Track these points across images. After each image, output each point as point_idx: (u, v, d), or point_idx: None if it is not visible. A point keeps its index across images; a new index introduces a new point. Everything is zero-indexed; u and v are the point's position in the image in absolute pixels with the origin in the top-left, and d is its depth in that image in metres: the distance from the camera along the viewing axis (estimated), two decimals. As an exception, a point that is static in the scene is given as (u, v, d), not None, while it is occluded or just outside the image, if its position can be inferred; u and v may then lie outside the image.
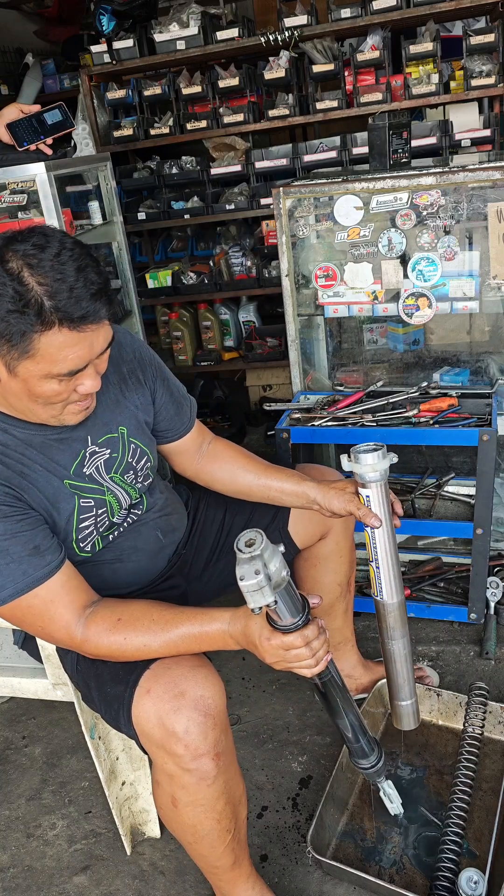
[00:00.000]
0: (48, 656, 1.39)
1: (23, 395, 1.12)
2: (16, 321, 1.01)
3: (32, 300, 1.01)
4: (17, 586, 1.15)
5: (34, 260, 1.02)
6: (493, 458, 1.84)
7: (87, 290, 1.04)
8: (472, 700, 1.68)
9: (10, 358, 1.06)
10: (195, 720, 1.12)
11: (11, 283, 1.01)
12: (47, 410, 1.15)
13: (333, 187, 2.01)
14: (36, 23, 4.59)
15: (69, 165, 2.54)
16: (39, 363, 1.06)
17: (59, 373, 1.07)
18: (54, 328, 1.03)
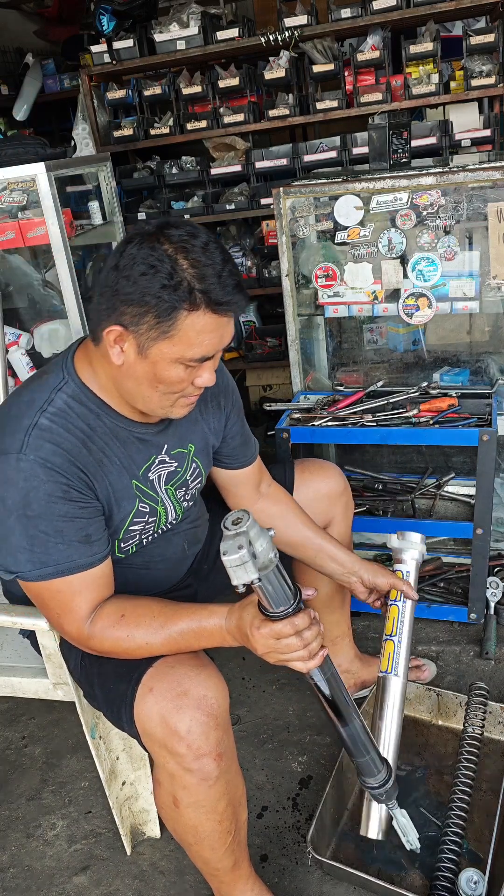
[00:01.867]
0: (49, 655, 1.39)
1: (144, 380, 1.15)
2: (168, 297, 1.06)
3: (184, 281, 1.06)
4: (58, 567, 1.15)
5: (188, 245, 1.07)
6: (493, 458, 1.84)
7: (231, 280, 1.10)
8: (472, 700, 1.67)
9: (148, 337, 1.09)
10: (198, 720, 1.12)
11: (167, 264, 1.06)
12: (162, 399, 1.18)
13: (333, 187, 2.01)
14: (36, 23, 4.59)
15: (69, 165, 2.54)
16: (176, 345, 1.10)
17: (191, 357, 1.11)
18: (200, 310, 1.08)
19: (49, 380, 1.20)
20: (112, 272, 1.10)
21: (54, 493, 1.13)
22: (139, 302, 1.07)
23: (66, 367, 1.21)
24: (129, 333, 1.11)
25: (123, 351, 1.13)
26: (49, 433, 1.14)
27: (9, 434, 1.14)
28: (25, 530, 1.12)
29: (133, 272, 1.07)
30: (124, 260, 1.08)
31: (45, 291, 2.70)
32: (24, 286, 2.72)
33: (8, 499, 1.12)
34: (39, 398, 1.17)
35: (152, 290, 1.06)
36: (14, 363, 2.58)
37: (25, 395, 1.19)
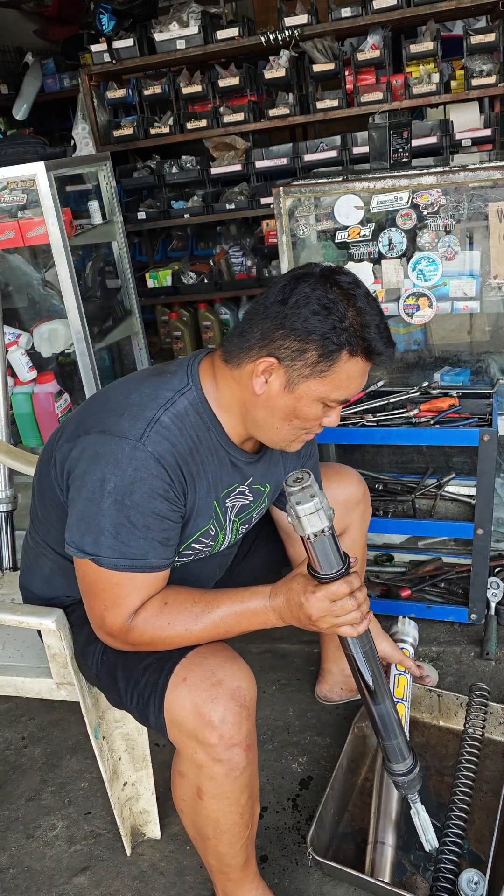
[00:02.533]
0: (53, 655, 1.38)
1: (280, 412, 1.19)
2: (336, 339, 1.12)
3: (351, 327, 1.13)
4: (134, 562, 1.16)
5: (355, 293, 1.15)
6: (493, 458, 1.83)
7: (387, 332, 1.17)
8: (473, 701, 1.67)
9: (301, 374, 1.15)
10: (232, 709, 1.13)
11: (340, 308, 1.12)
12: (288, 433, 1.23)
13: (333, 187, 2.01)
14: (36, 22, 4.58)
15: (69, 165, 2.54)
16: (326, 385, 1.15)
17: (335, 398, 1.18)
18: (357, 356, 1.14)
19: (173, 381, 1.22)
20: (279, 306, 1.15)
21: (157, 490, 1.15)
22: (304, 339, 1.12)
23: (191, 374, 1.23)
24: (281, 367, 1.15)
25: (268, 382, 1.17)
26: (168, 431, 1.16)
27: (128, 420, 1.16)
28: (117, 517, 1.13)
29: (305, 310, 1.12)
30: (295, 296, 1.13)
31: (45, 291, 2.70)
32: (23, 286, 2.72)
33: (110, 481, 1.13)
34: (163, 395, 1.19)
35: (321, 330, 1.12)
36: (14, 363, 2.58)
37: (147, 387, 1.21)
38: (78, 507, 1.16)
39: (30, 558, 1.45)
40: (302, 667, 2.04)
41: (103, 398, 1.26)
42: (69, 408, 2.66)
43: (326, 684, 1.89)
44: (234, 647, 1.30)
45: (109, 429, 1.16)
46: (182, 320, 3.80)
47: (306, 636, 2.14)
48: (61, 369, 2.76)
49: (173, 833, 1.62)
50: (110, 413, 1.18)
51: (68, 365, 2.73)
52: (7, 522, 2.23)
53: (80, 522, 1.16)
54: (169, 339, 3.90)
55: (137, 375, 1.28)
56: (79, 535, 1.16)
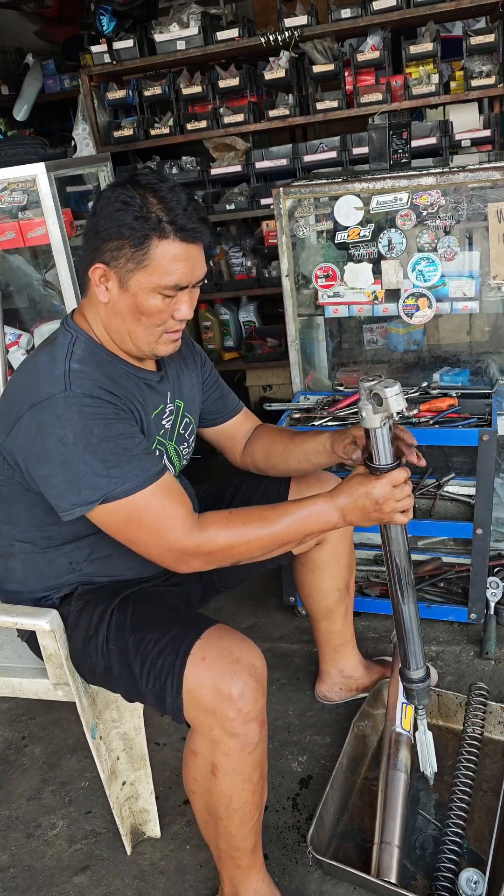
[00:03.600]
0: (49, 656, 1.39)
1: (128, 314, 1.26)
2: (140, 227, 1.20)
3: (153, 214, 1.21)
4: (138, 479, 1.21)
5: (156, 186, 1.23)
6: (492, 458, 1.84)
7: (196, 213, 1.24)
8: (472, 700, 1.68)
9: (127, 270, 1.22)
10: (250, 685, 1.18)
11: (138, 200, 1.21)
12: (146, 334, 1.29)
13: (333, 187, 2.01)
14: (36, 23, 4.58)
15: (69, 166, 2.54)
16: (151, 274, 1.22)
17: (166, 284, 1.23)
18: (169, 238, 1.21)
19: (59, 339, 1.29)
20: (91, 218, 1.25)
21: (108, 416, 1.21)
22: (116, 235, 1.21)
23: (69, 326, 1.31)
24: (110, 270, 1.24)
25: (108, 289, 1.25)
26: (83, 374, 1.23)
27: (46, 382, 1.22)
28: (95, 456, 1.19)
29: (109, 209, 1.21)
30: (100, 202, 1.24)
31: (45, 291, 2.70)
32: (24, 286, 2.72)
33: (68, 435, 1.18)
34: (59, 353, 1.26)
35: (126, 222, 1.20)
36: (14, 363, 2.58)
37: (42, 356, 1.28)
38: (57, 475, 1.21)
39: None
40: (302, 666, 2.04)
41: (12, 386, 1.32)
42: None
43: (325, 685, 1.89)
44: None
45: (35, 400, 1.21)
46: (182, 321, 3.80)
47: (306, 636, 2.14)
48: (61, 369, 2.75)
49: (173, 832, 1.62)
50: (26, 391, 1.24)
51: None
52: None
53: (68, 485, 1.20)
54: (169, 340, 3.90)
55: (31, 354, 1.36)
56: (76, 494, 1.20)
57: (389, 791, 1.48)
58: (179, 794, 1.71)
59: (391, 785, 1.48)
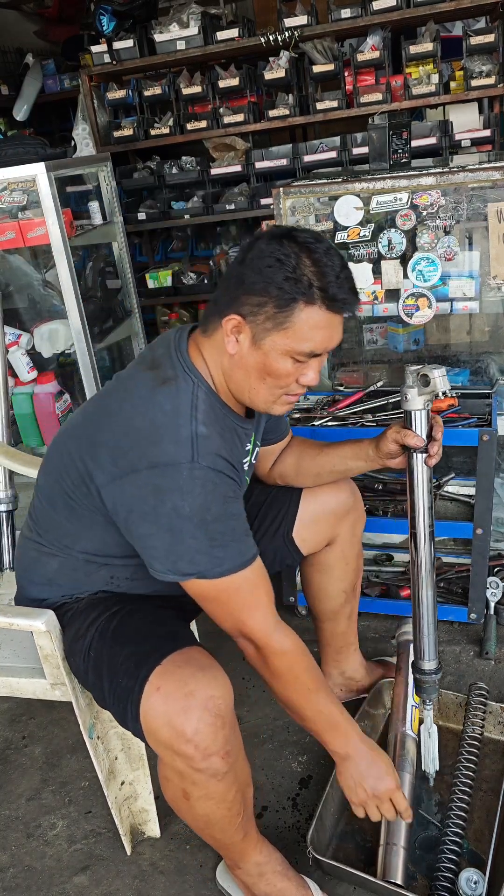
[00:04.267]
0: (46, 656, 1.38)
1: (254, 371, 1.22)
2: (289, 288, 1.15)
3: (304, 276, 1.15)
4: (234, 563, 1.19)
5: (312, 246, 1.18)
6: (492, 458, 1.84)
7: (348, 283, 1.20)
8: (472, 700, 1.68)
9: (264, 328, 1.18)
10: (205, 720, 1.13)
11: (293, 259, 1.16)
12: (266, 394, 1.25)
13: (333, 187, 2.01)
14: (36, 23, 4.59)
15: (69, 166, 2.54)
16: (288, 337, 1.18)
17: (301, 350, 1.19)
18: (315, 305, 1.16)
19: (181, 385, 1.21)
20: (238, 266, 1.20)
21: (227, 495, 1.19)
22: (261, 292, 1.16)
23: (188, 369, 1.23)
24: (246, 324, 1.19)
25: (238, 341, 1.21)
26: (210, 440, 1.18)
27: (171, 443, 1.16)
28: (205, 534, 1.16)
29: (260, 264, 1.16)
30: (252, 254, 1.18)
31: (45, 291, 2.70)
32: (24, 286, 2.72)
33: (184, 507, 1.14)
34: (184, 405, 1.19)
35: (275, 281, 1.15)
36: (14, 363, 2.58)
37: (163, 401, 1.19)
38: (160, 540, 1.17)
39: (28, 559, 1.44)
40: (302, 666, 2.04)
41: (121, 420, 1.22)
42: (69, 408, 2.67)
43: (326, 684, 1.89)
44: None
45: (157, 460, 1.15)
46: (182, 321, 3.80)
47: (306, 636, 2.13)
48: (61, 370, 2.76)
49: (173, 832, 1.62)
50: (146, 443, 1.17)
51: (68, 365, 2.74)
52: (7, 522, 2.23)
53: (167, 552, 1.18)
54: (169, 340, 3.90)
55: (137, 386, 1.25)
56: (172, 563, 1.18)
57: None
58: (179, 794, 1.71)
59: None
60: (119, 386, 1.30)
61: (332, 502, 1.62)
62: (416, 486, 1.39)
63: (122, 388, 1.28)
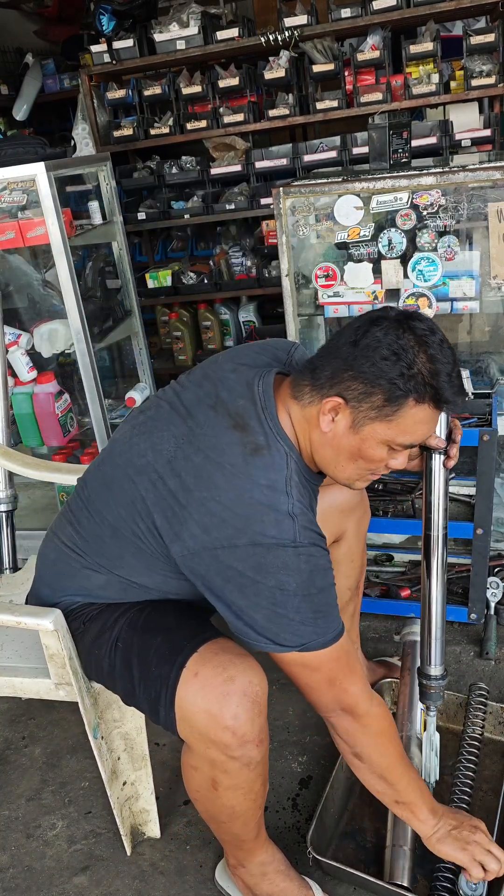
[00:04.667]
0: (52, 656, 1.38)
1: (346, 452, 1.21)
2: (402, 385, 1.12)
3: (420, 374, 1.13)
4: (335, 632, 1.19)
5: (427, 339, 1.14)
6: (493, 458, 1.84)
7: (459, 381, 1.17)
8: (472, 700, 1.68)
9: (367, 416, 1.16)
10: (244, 706, 1.15)
11: (410, 355, 1.13)
12: (353, 473, 1.25)
13: (333, 187, 2.01)
14: (36, 23, 4.58)
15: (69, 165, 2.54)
16: (391, 429, 1.16)
17: (400, 443, 1.18)
18: (424, 403, 1.14)
19: (274, 457, 1.17)
20: (350, 347, 1.16)
21: (326, 566, 1.19)
22: (372, 383, 1.13)
23: (280, 437, 1.19)
24: (347, 407, 1.17)
25: (334, 421, 1.18)
26: (304, 515, 1.17)
27: (272, 524, 1.14)
28: (310, 607, 1.15)
29: (375, 354, 1.13)
30: (367, 339, 1.15)
31: (45, 291, 2.70)
32: (23, 286, 2.72)
33: (290, 584, 1.13)
34: (279, 481, 1.16)
35: (389, 375, 1.12)
36: (14, 363, 2.58)
37: (258, 476, 1.15)
38: (260, 612, 1.15)
39: (65, 567, 1.39)
40: (302, 666, 2.04)
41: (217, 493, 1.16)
42: (69, 408, 2.67)
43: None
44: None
45: (259, 540, 1.13)
46: (182, 320, 3.80)
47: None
48: (61, 369, 2.76)
49: (173, 832, 1.62)
50: (245, 520, 1.14)
51: (68, 365, 2.73)
52: (7, 522, 2.23)
53: (269, 624, 1.15)
54: (169, 340, 3.90)
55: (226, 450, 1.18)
56: (274, 635, 1.16)
57: None
58: (180, 794, 1.71)
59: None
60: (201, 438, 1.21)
61: (339, 498, 1.62)
62: (434, 487, 1.38)
63: (206, 445, 1.20)
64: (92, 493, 1.36)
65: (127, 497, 1.27)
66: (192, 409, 1.26)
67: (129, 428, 1.34)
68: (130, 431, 1.32)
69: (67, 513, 1.41)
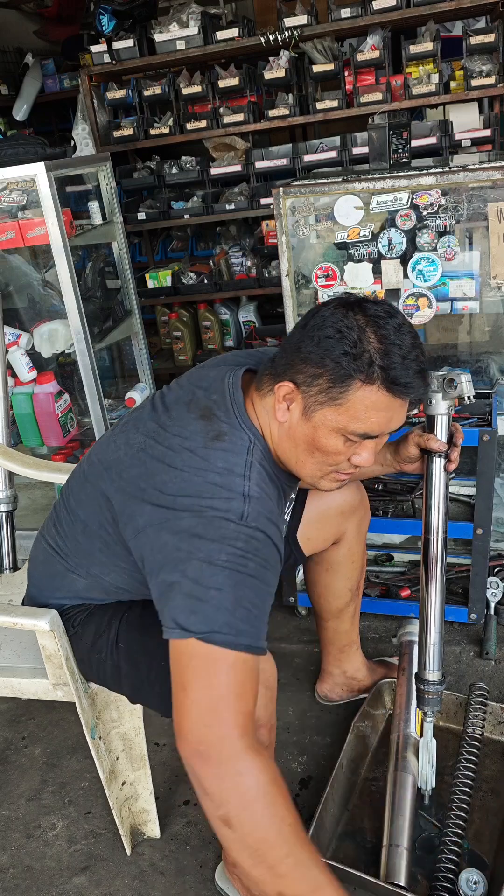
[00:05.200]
0: (49, 656, 1.38)
1: (302, 443, 1.15)
2: (346, 364, 1.07)
3: (367, 353, 1.07)
4: (246, 642, 1.04)
5: (381, 321, 1.09)
6: (493, 458, 1.84)
7: (416, 364, 1.10)
8: (472, 700, 1.67)
9: (316, 401, 1.10)
10: (259, 692, 1.13)
11: (356, 332, 1.07)
12: (314, 468, 1.18)
13: (333, 187, 2.01)
14: (36, 23, 4.58)
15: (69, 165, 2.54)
16: (341, 415, 1.10)
17: (353, 430, 1.11)
18: (374, 385, 1.08)
19: (236, 443, 1.13)
20: (299, 330, 1.13)
21: (269, 562, 1.09)
22: (317, 363, 1.09)
23: (245, 425, 1.16)
24: (298, 393, 1.12)
25: (289, 410, 1.14)
26: (261, 502, 1.10)
27: (221, 501, 1.08)
28: (233, 590, 1.04)
29: (319, 333, 1.09)
30: (314, 321, 1.11)
31: (45, 291, 2.70)
32: (23, 286, 2.72)
33: (220, 556, 1.04)
34: (237, 465, 1.11)
35: (333, 354, 1.08)
36: (14, 363, 2.58)
37: (216, 459, 1.11)
38: (183, 590, 1.05)
39: (53, 571, 1.40)
40: (302, 666, 2.04)
41: (173, 476, 1.12)
42: (69, 408, 2.67)
43: (327, 684, 1.89)
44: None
45: (203, 512, 1.07)
46: (182, 321, 3.80)
47: (306, 636, 2.14)
48: (61, 369, 2.76)
49: (173, 832, 1.62)
50: (194, 497, 1.09)
51: (68, 365, 2.73)
52: (7, 522, 2.23)
53: (187, 601, 1.04)
54: (169, 340, 3.90)
55: (188, 437, 1.15)
56: (185, 615, 1.04)
57: (398, 793, 1.48)
58: (179, 794, 1.71)
59: (399, 787, 1.48)
60: (168, 430, 1.19)
61: (339, 500, 1.61)
62: (434, 490, 1.37)
63: (172, 434, 1.17)
64: (70, 492, 1.36)
65: (96, 490, 1.26)
66: (170, 407, 1.24)
67: (112, 429, 1.34)
68: (112, 431, 1.32)
69: (53, 513, 1.42)
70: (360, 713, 1.72)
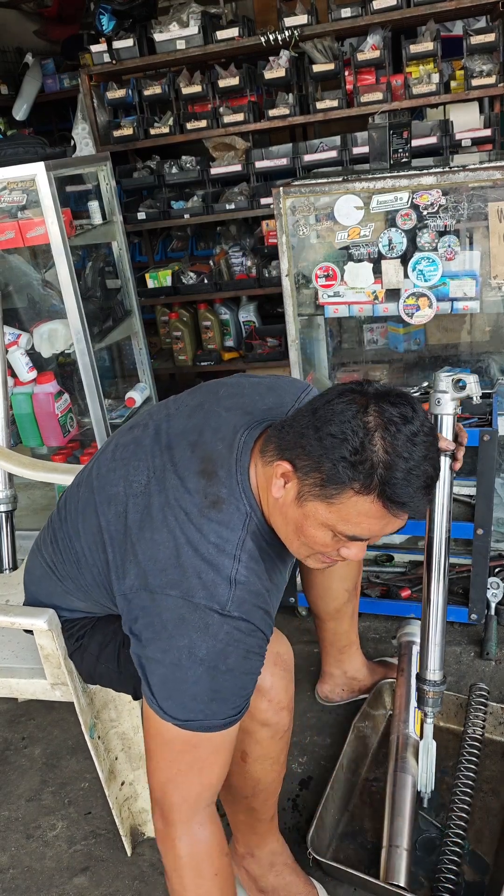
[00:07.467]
0: (47, 656, 1.38)
1: (291, 524, 1.11)
2: (342, 470, 1.00)
3: (368, 461, 1.00)
4: (218, 723, 1.07)
5: (393, 427, 1.01)
6: (493, 458, 1.83)
7: (421, 480, 1.03)
8: (473, 701, 1.67)
9: (311, 493, 1.05)
10: (279, 675, 1.18)
11: (360, 437, 1.00)
12: (300, 549, 1.15)
13: (333, 187, 2.01)
14: (36, 22, 4.58)
15: (69, 165, 2.54)
16: (332, 514, 1.05)
17: (342, 531, 1.06)
18: (370, 496, 1.01)
19: (232, 515, 1.11)
20: (309, 414, 1.07)
21: (251, 649, 1.08)
22: (316, 458, 1.03)
23: (244, 492, 1.13)
24: (295, 476, 1.07)
25: (284, 488, 1.09)
26: (248, 585, 1.08)
27: (208, 585, 1.06)
28: (211, 682, 1.06)
29: (324, 429, 1.03)
30: (324, 411, 1.04)
31: (45, 291, 2.70)
32: (23, 286, 2.72)
33: (201, 649, 1.05)
34: (229, 541, 1.09)
35: (331, 456, 1.01)
36: (14, 363, 2.58)
37: (209, 532, 1.10)
38: (161, 671, 1.07)
39: (52, 590, 1.39)
40: (302, 667, 2.04)
41: (166, 537, 1.11)
42: (69, 408, 2.66)
43: (328, 685, 1.89)
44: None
45: (191, 595, 1.06)
46: (182, 320, 3.80)
47: (306, 636, 2.14)
48: (61, 369, 2.76)
49: (173, 833, 1.61)
50: (183, 572, 1.08)
51: (68, 365, 2.73)
52: (7, 522, 2.23)
53: (162, 686, 1.07)
54: (169, 340, 3.90)
55: (185, 493, 1.13)
56: (163, 698, 1.07)
57: (397, 793, 1.48)
58: (179, 794, 1.70)
59: (399, 787, 1.48)
60: (167, 478, 1.16)
61: None
62: (438, 490, 1.36)
63: (170, 487, 1.14)
64: (69, 514, 1.33)
65: (94, 526, 1.24)
66: (173, 442, 1.21)
67: (114, 447, 1.30)
68: (113, 452, 1.28)
69: (49, 528, 1.39)
70: (360, 713, 1.72)
